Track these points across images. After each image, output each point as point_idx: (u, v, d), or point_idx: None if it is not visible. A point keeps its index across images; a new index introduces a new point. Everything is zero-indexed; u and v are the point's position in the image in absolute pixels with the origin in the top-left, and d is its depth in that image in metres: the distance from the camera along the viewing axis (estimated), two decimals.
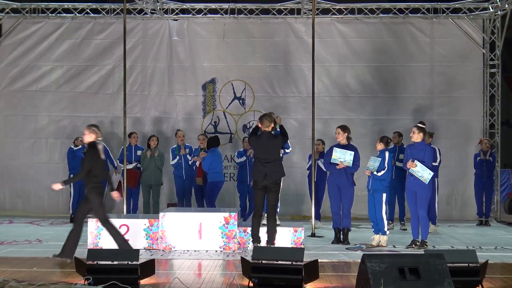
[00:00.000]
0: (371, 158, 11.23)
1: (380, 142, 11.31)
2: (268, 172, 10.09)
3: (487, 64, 15.82)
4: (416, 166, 10.61)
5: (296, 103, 15.92)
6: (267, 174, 10.10)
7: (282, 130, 10.54)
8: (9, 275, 8.30)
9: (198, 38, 16.14)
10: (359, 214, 14.55)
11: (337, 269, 9.20)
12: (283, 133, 10.47)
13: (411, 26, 15.92)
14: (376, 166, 11.01)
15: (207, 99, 16.12)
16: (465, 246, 11.19)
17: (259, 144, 10.25)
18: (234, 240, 10.64)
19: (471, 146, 15.51)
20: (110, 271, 7.65)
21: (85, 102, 16.12)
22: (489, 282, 7.99)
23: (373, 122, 15.74)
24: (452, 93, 15.80)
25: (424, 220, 10.85)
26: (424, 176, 10.60)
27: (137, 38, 16.10)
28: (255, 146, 10.38)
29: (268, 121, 10.24)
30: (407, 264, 6.89)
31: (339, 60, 15.97)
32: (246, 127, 15.99)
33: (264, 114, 10.54)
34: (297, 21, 16.01)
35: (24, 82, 16.16)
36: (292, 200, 15.36)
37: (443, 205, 15.06)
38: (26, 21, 16.28)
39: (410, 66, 15.86)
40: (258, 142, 10.26)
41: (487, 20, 15.82)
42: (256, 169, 10.25)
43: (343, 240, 11.40)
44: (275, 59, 16.00)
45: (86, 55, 16.17)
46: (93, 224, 10.80)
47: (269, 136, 10.21)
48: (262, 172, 10.11)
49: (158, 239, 10.74)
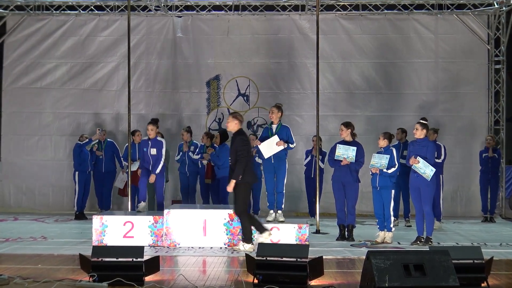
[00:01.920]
0: (374, 155, 11.11)
1: (384, 139, 11.22)
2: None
3: (492, 60, 15.79)
4: (419, 163, 10.59)
5: (301, 99, 15.91)
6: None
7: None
8: (14, 272, 8.30)
9: (202, 35, 16.15)
10: (363, 210, 14.57)
11: (341, 265, 9.18)
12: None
13: (416, 22, 15.89)
14: (383, 163, 10.93)
15: (211, 96, 16.12)
16: (470, 243, 11.16)
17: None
18: (239, 236, 10.63)
19: (476, 142, 15.49)
20: (115, 268, 7.65)
21: (90, 99, 16.15)
22: (494, 278, 7.96)
23: (377, 118, 15.72)
24: (457, 89, 15.77)
25: (429, 216, 10.81)
26: (426, 173, 10.57)
27: (141, 35, 16.12)
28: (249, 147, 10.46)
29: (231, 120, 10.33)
30: (412, 260, 6.88)
31: (344, 57, 15.95)
32: (251, 124, 15.99)
33: (232, 113, 10.63)
34: (301, 18, 16.00)
35: (28, 79, 16.20)
36: (297, 197, 15.35)
37: (448, 201, 15.05)
38: (31, 18, 16.31)
39: (415, 62, 15.84)
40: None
41: (492, 16, 15.78)
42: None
43: (347, 237, 11.38)
44: (279, 55, 16.00)
45: (91, 52, 16.20)
46: (97, 221, 10.80)
47: (233, 138, 10.36)
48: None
49: (163, 236, 10.73)
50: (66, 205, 15.65)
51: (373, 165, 11.03)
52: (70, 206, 15.17)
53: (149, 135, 11.89)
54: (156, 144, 11.83)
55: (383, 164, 10.94)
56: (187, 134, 14.17)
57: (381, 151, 11.11)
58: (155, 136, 11.92)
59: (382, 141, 11.18)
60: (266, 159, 10.95)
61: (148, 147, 11.83)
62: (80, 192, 14.46)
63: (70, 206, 15.19)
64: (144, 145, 11.94)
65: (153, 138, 11.87)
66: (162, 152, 11.82)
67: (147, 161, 11.81)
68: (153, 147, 11.81)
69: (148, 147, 11.84)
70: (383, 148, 11.13)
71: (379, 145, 11.20)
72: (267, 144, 10.88)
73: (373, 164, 11.03)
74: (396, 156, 11.07)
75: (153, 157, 11.78)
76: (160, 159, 11.81)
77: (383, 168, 10.94)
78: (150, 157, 11.79)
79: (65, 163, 15.76)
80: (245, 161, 10.01)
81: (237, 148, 10.03)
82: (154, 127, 11.93)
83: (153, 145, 11.81)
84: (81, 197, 14.52)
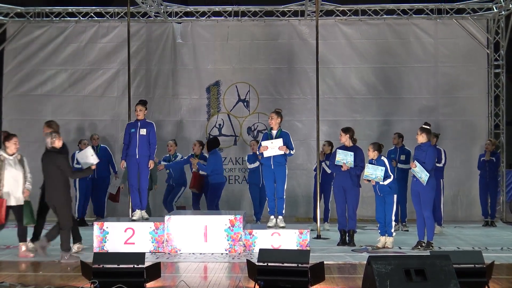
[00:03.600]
0: (367, 166, 11.06)
1: (374, 150, 11.15)
2: None
3: (491, 65, 15.81)
4: (416, 167, 10.62)
5: (301, 105, 15.92)
6: None
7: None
8: (15, 279, 8.31)
9: (202, 41, 16.17)
10: (364, 215, 14.55)
11: (343, 271, 9.19)
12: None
13: (415, 27, 15.91)
14: (379, 175, 10.90)
15: (211, 101, 16.13)
16: (471, 247, 11.15)
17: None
18: (240, 242, 10.63)
19: (476, 146, 15.49)
20: (116, 274, 7.66)
21: (90, 106, 16.16)
22: (495, 283, 7.97)
23: (378, 123, 15.73)
24: (456, 94, 15.78)
25: (430, 221, 10.82)
26: (422, 177, 10.61)
27: (141, 41, 16.14)
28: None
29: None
30: (413, 265, 6.89)
31: (343, 62, 15.96)
32: (251, 129, 16.00)
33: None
34: (300, 23, 16.02)
35: (28, 86, 16.21)
36: (297, 202, 15.36)
37: (449, 206, 15.04)
38: (31, 25, 16.33)
39: (414, 67, 15.85)
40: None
41: (491, 20, 15.81)
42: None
43: (348, 242, 11.39)
44: (279, 61, 16.01)
45: (91, 58, 16.22)
46: (98, 228, 10.81)
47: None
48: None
49: (164, 242, 10.74)
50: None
51: (368, 176, 11.00)
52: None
53: (138, 116, 11.08)
54: (146, 125, 11.04)
55: (378, 176, 10.90)
56: (174, 146, 14.00)
57: (373, 162, 11.09)
58: (144, 118, 11.11)
59: (372, 152, 11.15)
60: (266, 165, 10.91)
61: (137, 128, 10.99)
62: (81, 199, 14.48)
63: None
64: (132, 126, 11.10)
65: (142, 120, 11.09)
66: (154, 135, 11.07)
67: (134, 145, 10.95)
68: (143, 127, 11.00)
69: (136, 127, 11.00)
70: (374, 160, 11.11)
71: (370, 156, 11.15)
72: (270, 144, 10.83)
73: (368, 175, 11.00)
74: (389, 166, 11.06)
75: (143, 138, 10.95)
76: (154, 144, 11.05)
77: (379, 181, 10.94)
78: (139, 138, 10.94)
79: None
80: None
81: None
82: (143, 108, 11.09)
83: (142, 125, 11.02)
84: (82, 204, 14.52)
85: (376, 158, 11.09)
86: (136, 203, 11.19)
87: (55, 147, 10.24)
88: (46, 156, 10.29)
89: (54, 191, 10.07)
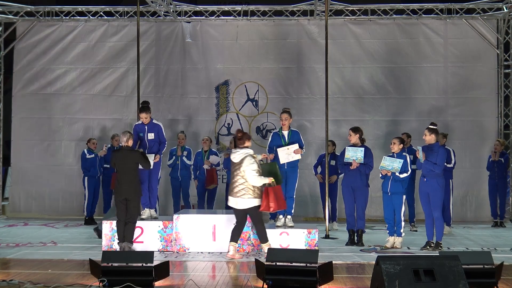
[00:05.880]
0: (385, 157, 11.08)
1: (399, 143, 11.18)
2: None
3: (501, 65, 15.74)
4: (386, 161, 10.90)
5: (309, 104, 15.89)
6: None
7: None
8: (24, 277, 8.34)
9: (211, 40, 16.17)
10: (373, 215, 14.54)
11: (351, 271, 9.18)
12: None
13: (425, 26, 15.86)
14: (396, 166, 10.89)
15: (220, 101, 16.13)
16: (480, 248, 11.14)
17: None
18: (248, 242, 10.64)
19: (485, 147, 15.42)
20: (125, 273, 7.69)
21: (99, 105, 16.19)
22: (504, 284, 7.95)
23: (387, 123, 15.69)
24: (466, 94, 15.71)
25: (439, 221, 10.79)
26: (395, 167, 10.81)
27: (150, 41, 16.15)
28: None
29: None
30: (422, 265, 6.87)
31: (353, 61, 15.93)
32: (260, 129, 15.99)
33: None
34: (310, 23, 15.99)
35: (38, 85, 16.26)
36: (306, 201, 15.34)
37: (458, 206, 15.00)
38: (40, 24, 16.38)
39: (424, 67, 15.80)
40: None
41: (501, 20, 15.75)
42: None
43: (357, 242, 11.38)
44: (288, 60, 15.99)
45: (100, 57, 16.25)
46: (107, 226, 10.83)
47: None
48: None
49: (172, 241, 10.76)
50: (75, 210, 15.65)
51: (384, 167, 10.98)
52: (79, 211, 15.19)
53: (144, 122, 11.25)
54: (154, 128, 11.26)
55: (395, 167, 10.89)
56: (185, 138, 14.26)
57: (392, 155, 11.09)
58: (151, 120, 11.27)
59: (397, 146, 11.13)
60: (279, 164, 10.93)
61: (145, 132, 11.19)
62: (89, 197, 14.54)
63: (79, 211, 15.21)
64: (140, 129, 11.26)
65: (148, 123, 11.24)
66: (163, 134, 11.32)
67: (143, 148, 11.14)
68: (151, 131, 11.22)
69: (144, 132, 11.20)
70: (396, 153, 11.09)
71: (393, 150, 11.13)
72: (286, 151, 10.90)
73: (384, 166, 10.98)
74: (410, 162, 11.05)
75: (151, 142, 11.17)
76: (164, 143, 11.33)
77: (396, 172, 10.90)
78: (147, 142, 11.17)
79: (74, 168, 15.78)
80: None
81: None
82: (147, 115, 11.19)
83: (150, 129, 11.22)
84: (91, 202, 14.58)
85: (398, 152, 11.09)
86: (145, 202, 11.20)
87: (128, 145, 10.52)
88: (120, 153, 10.56)
89: (130, 185, 10.38)
